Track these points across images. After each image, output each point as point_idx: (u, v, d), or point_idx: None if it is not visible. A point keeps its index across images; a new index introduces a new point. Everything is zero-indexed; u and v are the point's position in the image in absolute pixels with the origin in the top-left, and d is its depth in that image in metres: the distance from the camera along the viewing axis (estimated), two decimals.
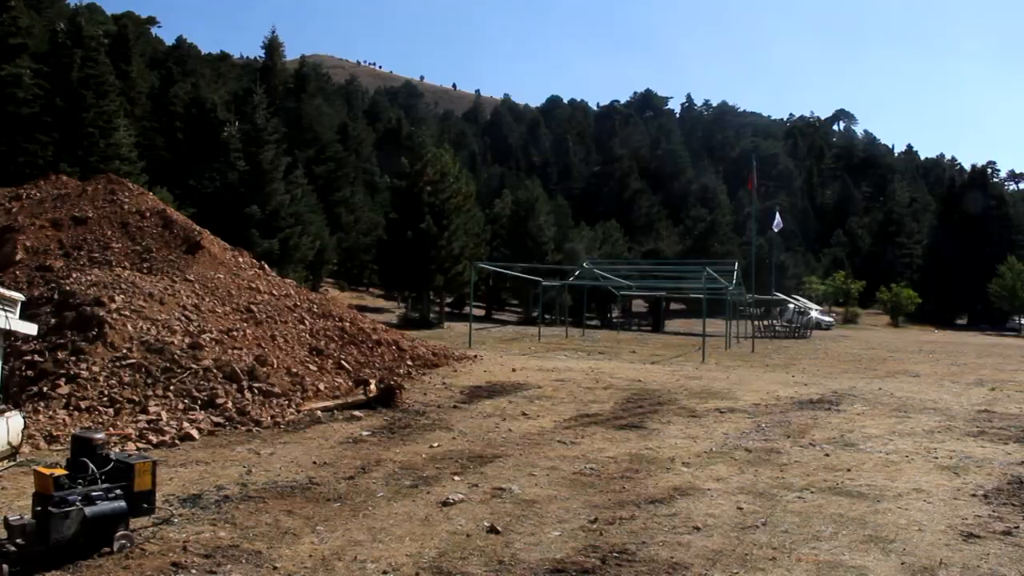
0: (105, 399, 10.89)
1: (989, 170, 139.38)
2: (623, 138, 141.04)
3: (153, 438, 9.88)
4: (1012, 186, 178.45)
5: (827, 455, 10.41)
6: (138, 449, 9.21)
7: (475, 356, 21.66)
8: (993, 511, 7.88)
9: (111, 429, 9.85)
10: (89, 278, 14.72)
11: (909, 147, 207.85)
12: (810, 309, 65.50)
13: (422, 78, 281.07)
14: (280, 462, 9.25)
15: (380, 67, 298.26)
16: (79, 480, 5.91)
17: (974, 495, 8.51)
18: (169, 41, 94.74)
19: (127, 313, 13.28)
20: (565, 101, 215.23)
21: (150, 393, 11.33)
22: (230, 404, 11.63)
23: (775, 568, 6.13)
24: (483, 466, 9.30)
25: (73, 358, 11.80)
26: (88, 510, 5.73)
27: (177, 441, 10.00)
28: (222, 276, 17.06)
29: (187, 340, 13.12)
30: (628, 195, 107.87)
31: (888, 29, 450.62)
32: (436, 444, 10.48)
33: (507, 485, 8.40)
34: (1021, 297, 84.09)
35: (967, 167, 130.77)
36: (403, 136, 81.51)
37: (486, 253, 55.47)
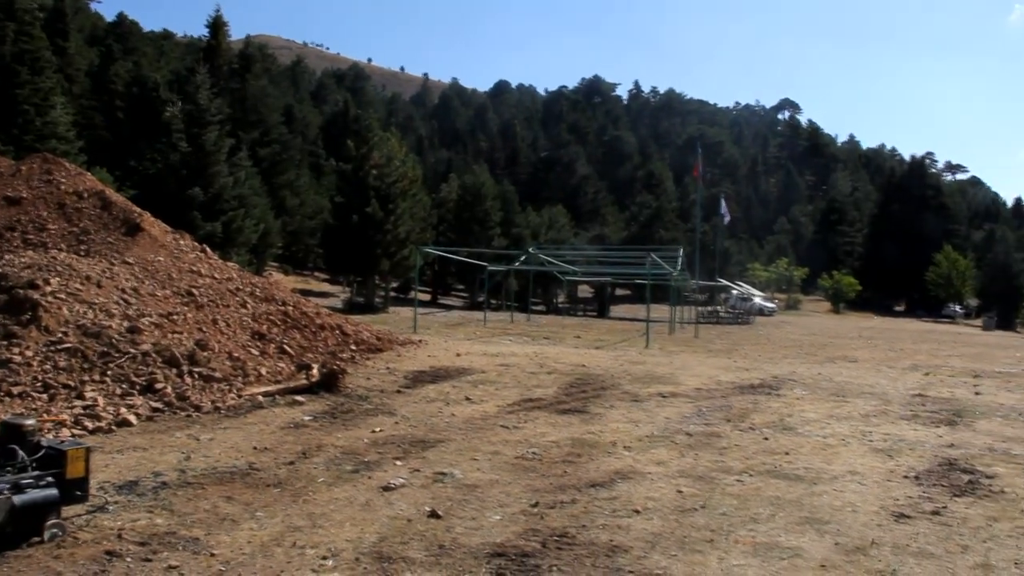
0: (39, 384, 10.64)
1: (927, 161, 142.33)
2: (571, 124, 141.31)
3: (89, 424, 9.68)
4: (949, 177, 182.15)
5: (766, 439, 10.57)
6: (73, 435, 9.02)
7: (420, 341, 21.60)
8: (924, 492, 8.08)
9: (45, 415, 9.64)
10: (23, 260, 14.36)
11: (851, 137, 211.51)
12: (753, 295, 66.39)
13: (370, 60, 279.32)
14: (220, 448, 9.15)
15: (327, 49, 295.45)
16: (8, 468, 5.76)
17: (906, 477, 8.72)
18: (109, 17, 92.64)
19: (63, 296, 12.98)
20: (513, 86, 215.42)
21: (86, 378, 11.10)
22: (169, 389, 11.45)
23: (713, 550, 6.22)
24: (425, 451, 9.30)
25: (5, 343, 11.51)
26: (17, 499, 5.59)
27: (114, 427, 9.82)
28: (162, 259, 16.77)
29: (125, 324, 12.88)
30: (575, 181, 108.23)
31: (832, 20, 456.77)
32: (378, 429, 10.44)
33: (449, 470, 8.40)
34: (956, 285, 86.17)
35: (907, 158, 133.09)
36: (350, 119, 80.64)
37: (432, 238, 55.31)
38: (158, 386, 11.37)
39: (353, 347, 17.53)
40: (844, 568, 5.91)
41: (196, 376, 12.20)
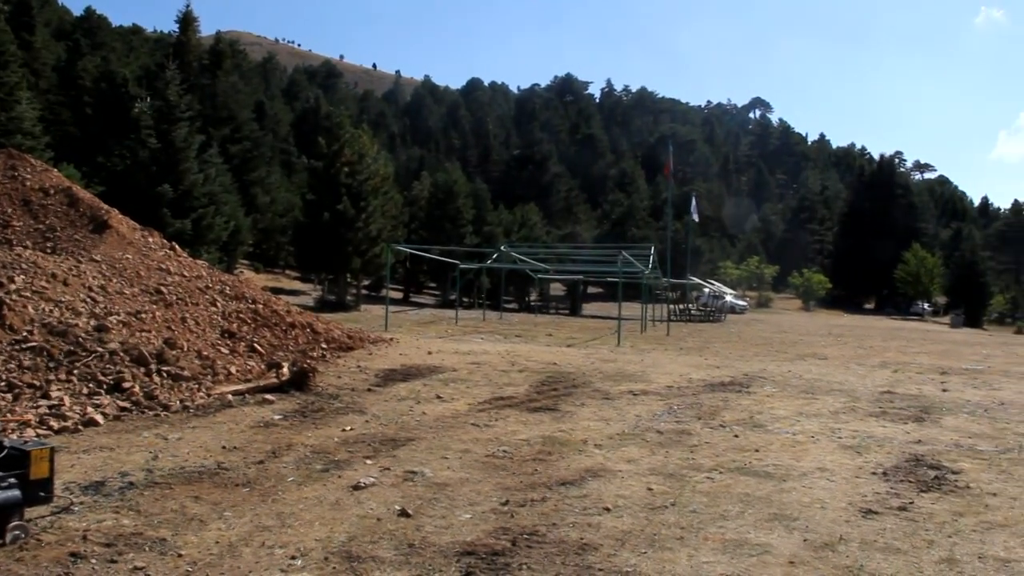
0: (3, 384, 10.49)
1: (896, 160, 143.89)
2: (543, 122, 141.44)
3: (55, 424, 9.57)
4: (917, 176, 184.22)
5: (736, 436, 10.63)
6: (37, 436, 8.91)
7: (391, 339, 21.54)
8: (891, 488, 8.15)
9: (9, 415, 9.51)
10: None
11: (822, 136, 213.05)
12: (724, 293, 66.73)
13: (342, 57, 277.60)
14: (188, 447, 9.07)
15: (299, 45, 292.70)
16: None
17: (874, 473, 8.80)
18: (77, 11, 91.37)
19: (28, 294, 12.83)
20: (486, 84, 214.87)
21: (52, 377, 10.96)
22: (137, 388, 11.33)
23: (682, 547, 6.24)
24: (396, 449, 9.27)
25: None
26: None
27: (80, 427, 9.71)
28: (131, 257, 16.61)
29: (92, 322, 12.74)
30: (547, 179, 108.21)
31: (802, 19, 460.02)
32: (349, 428, 10.39)
33: (419, 468, 8.38)
34: (924, 283, 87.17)
35: (876, 156, 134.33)
36: (321, 116, 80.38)
37: (404, 235, 55.17)
38: (126, 385, 11.26)
39: (324, 345, 17.45)
40: (812, 564, 5.95)
41: (164, 375, 12.09)
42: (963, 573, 5.85)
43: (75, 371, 11.25)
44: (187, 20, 56.30)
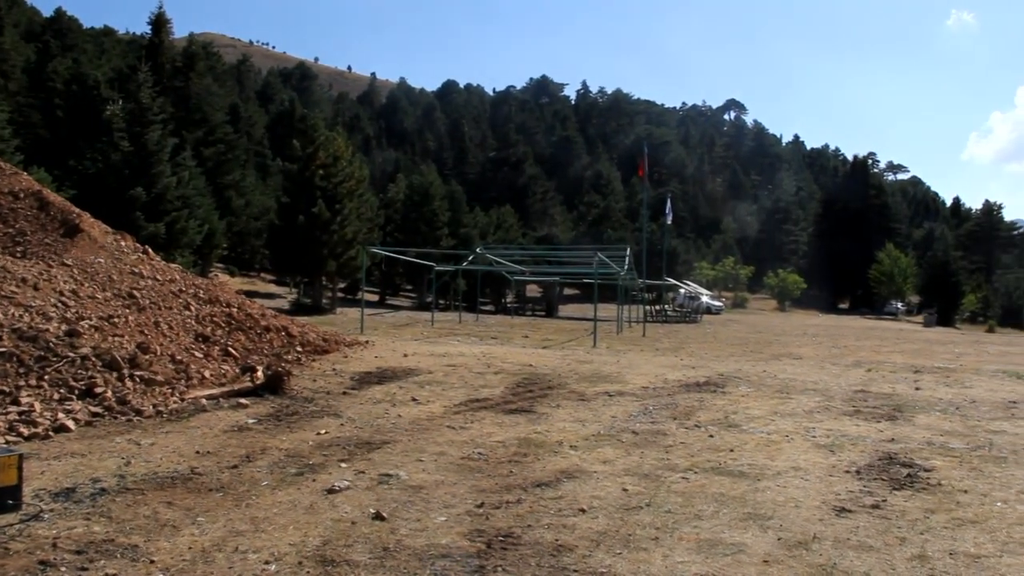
0: None
1: (870, 161, 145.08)
2: (519, 124, 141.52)
3: (24, 430, 9.45)
4: (890, 177, 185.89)
5: (711, 436, 10.66)
6: (7, 442, 8.81)
7: (367, 342, 21.47)
8: (864, 486, 8.21)
9: None
10: None
11: (796, 137, 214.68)
12: (700, 294, 67.13)
13: (316, 59, 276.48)
14: (161, 452, 8.99)
15: (273, 47, 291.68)
16: None
17: (847, 471, 8.85)
18: (47, 12, 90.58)
19: None
20: (461, 86, 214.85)
21: (22, 383, 10.83)
22: (110, 393, 11.23)
23: (657, 547, 6.25)
24: (371, 452, 9.23)
25: None
26: None
27: (51, 433, 9.60)
28: (103, 261, 16.46)
29: (64, 327, 12.61)
30: (523, 181, 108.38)
31: (776, 22, 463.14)
32: (323, 431, 10.34)
33: (394, 471, 8.35)
34: (898, 283, 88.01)
35: (850, 158, 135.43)
36: (296, 119, 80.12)
37: (379, 238, 55.06)
38: (98, 390, 11.15)
39: (299, 349, 17.37)
40: (786, 563, 5.97)
41: (137, 379, 11.99)
42: (934, 570, 5.89)
43: (46, 377, 11.13)
44: (160, 22, 55.91)
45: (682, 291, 64.02)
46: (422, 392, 13.91)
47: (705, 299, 66.66)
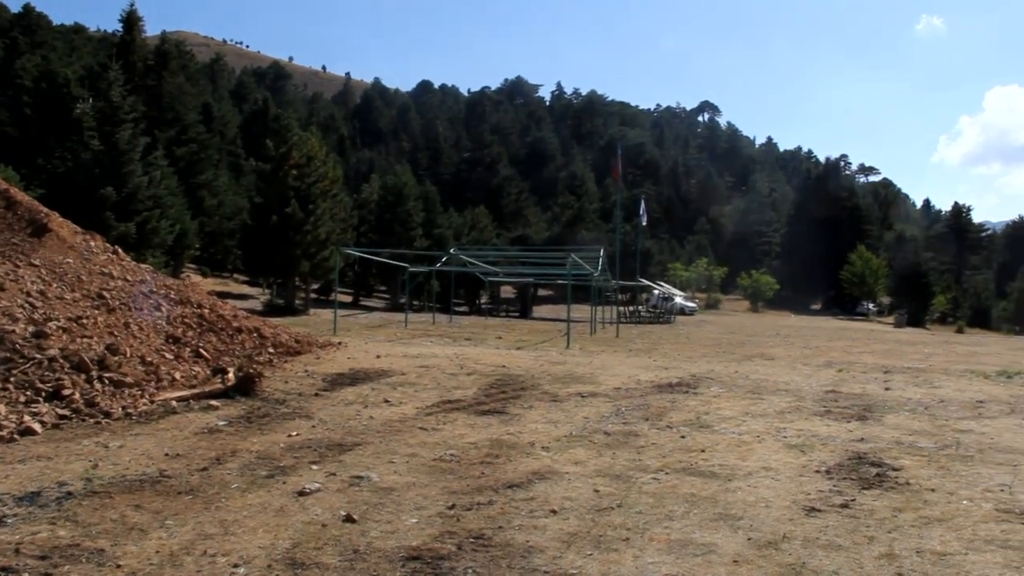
0: None
1: (842, 163, 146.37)
2: (493, 124, 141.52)
3: None
4: (862, 179, 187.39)
5: (683, 437, 10.69)
6: None
7: (340, 343, 21.38)
8: (834, 486, 8.25)
9: None
10: None
11: (769, 139, 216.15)
12: (674, 295, 67.38)
13: (291, 59, 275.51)
14: (130, 455, 8.90)
15: (247, 47, 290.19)
16: None
17: (818, 471, 8.90)
18: (15, 8, 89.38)
19: None
20: (436, 86, 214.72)
21: None
22: (78, 395, 11.11)
23: (628, 548, 6.26)
24: (342, 454, 9.18)
25: None
26: None
27: (16, 436, 9.47)
28: (71, 261, 16.28)
29: (31, 328, 12.46)
30: (497, 181, 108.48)
31: (749, 25, 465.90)
32: (295, 433, 10.28)
33: (366, 473, 8.31)
34: (869, 284, 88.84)
35: (822, 160, 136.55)
36: (270, 118, 79.63)
37: (353, 238, 54.91)
38: (65, 392, 11.02)
39: (271, 350, 17.26)
40: (756, 562, 6.00)
41: (106, 381, 11.87)
42: (902, 568, 5.94)
43: (12, 379, 10.99)
44: (131, 20, 55.48)
45: (656, 292, 64.25)
46: (394, 394, 13.86)
47: (679, 300, 66.94)
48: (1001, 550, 6.36)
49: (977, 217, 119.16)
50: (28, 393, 10.78)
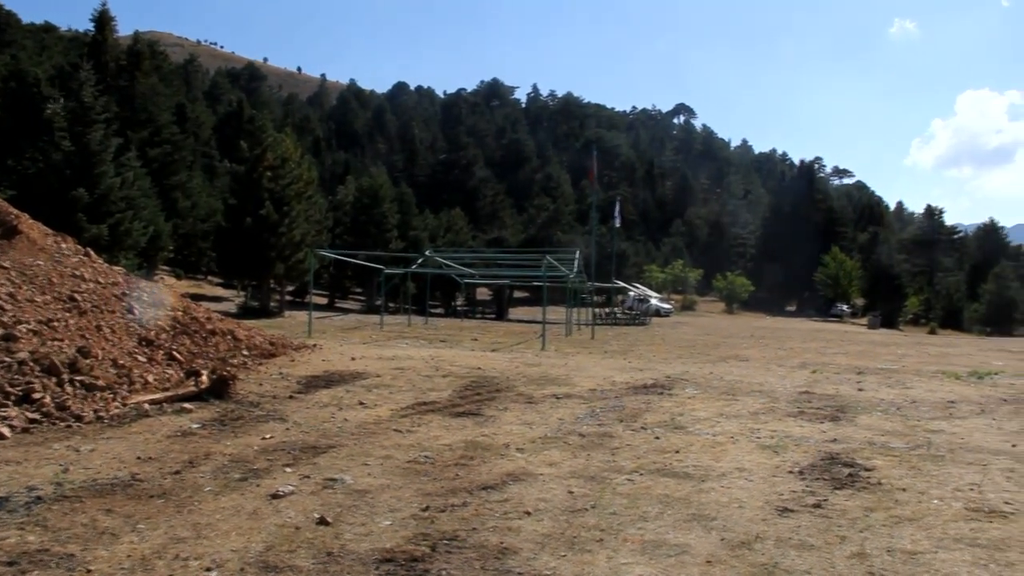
0: None
1: (816, 166, 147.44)
2: (469, 126, 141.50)
3: None
4: (836, 181, 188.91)
5: (657, 438, 10.71)
6: None
7: (315, 345, 21.29)
8: (807, 486, 8.30)
9: None
10: None
11: (744, 142, 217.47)
12: (650, 297, 67.60)
13: (266, 60, 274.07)
14: (101, 459, 8.82)
15: (222, 47, 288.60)
16: None
17: (791, 472, 8.94)
18: None
19: None
20: (412, 88, 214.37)
21: None
22: (48, 399, 10.99)
23: (602, 549, 6.27)
24: (316, 457, 9.14)
25: None
26: None
27: None
28: (42, 263, 16.11)
29: (0, 332, 12.33)
30: (473, 183, 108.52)
31: (725, 29, 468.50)
32: (269, 436, 10.22)
33: (339, 475, 8.28)
34: (843, 285, 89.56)
35: (796, 162, 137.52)
36: (244, 119, 79.27)
37: (328, 241, 54.71)
38: (35, 396, 10.90)
39: (245, 352, 17.17)
40: (729, 563, 6.03)
41: (77, 385, 11.75)
42: (873, 567, 5.98)
43: None
44: (103, 19, 55.05)
45: (631, 294, 64.47)
46: (369, 396, 13.82)
47: (654, 302, 67.13)
48: (970, 548, 6.42)
49: (949, 220, 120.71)
50: None
